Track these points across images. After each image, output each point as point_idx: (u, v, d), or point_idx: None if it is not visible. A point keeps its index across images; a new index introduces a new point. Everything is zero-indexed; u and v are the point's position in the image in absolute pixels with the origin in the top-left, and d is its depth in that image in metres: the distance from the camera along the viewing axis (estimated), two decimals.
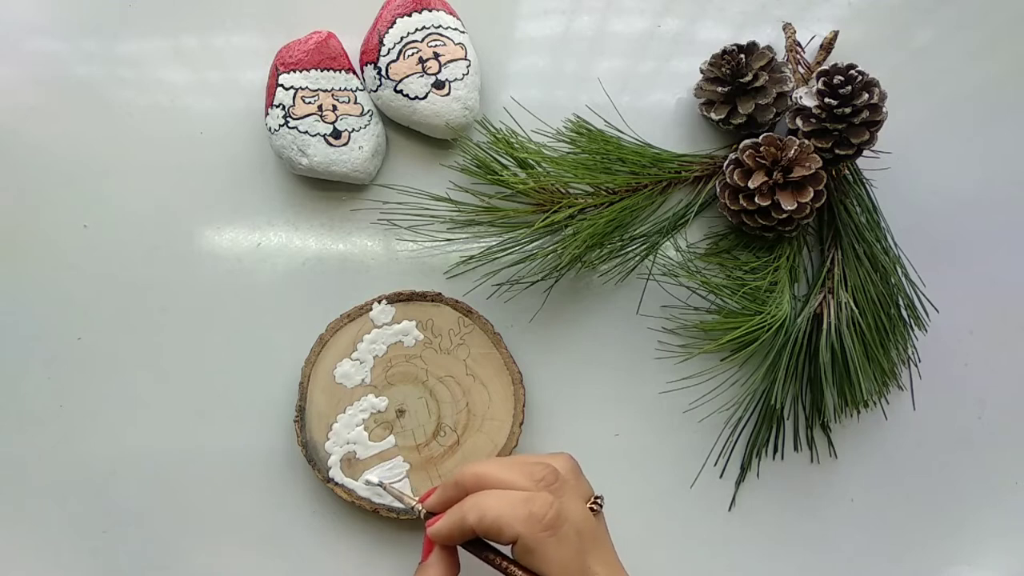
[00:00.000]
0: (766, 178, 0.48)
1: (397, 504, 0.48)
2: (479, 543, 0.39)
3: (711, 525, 0.51)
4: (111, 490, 0.50)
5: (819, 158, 0.48)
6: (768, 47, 0.50)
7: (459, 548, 0.40)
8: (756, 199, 0.48)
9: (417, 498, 0.42)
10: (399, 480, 0.48)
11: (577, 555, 0.36)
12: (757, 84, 0.50)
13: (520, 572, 0.38)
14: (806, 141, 0.48)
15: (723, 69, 0.50)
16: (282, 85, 0.50)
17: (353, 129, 0.50)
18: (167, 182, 0.53)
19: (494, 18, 0.55)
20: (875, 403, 0.52)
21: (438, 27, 0.51)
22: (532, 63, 0.55)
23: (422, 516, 0.41)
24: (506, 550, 0.38)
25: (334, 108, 0.50)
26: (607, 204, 0.50)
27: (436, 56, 0.51)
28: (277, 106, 0.50)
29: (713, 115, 0.51)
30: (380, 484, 0.46)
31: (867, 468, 0.52)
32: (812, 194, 0.48)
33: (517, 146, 0.49)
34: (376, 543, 0.50)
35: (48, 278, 0.52)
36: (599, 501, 0.40)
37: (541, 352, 0.52)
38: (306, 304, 0.51)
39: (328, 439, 0.48)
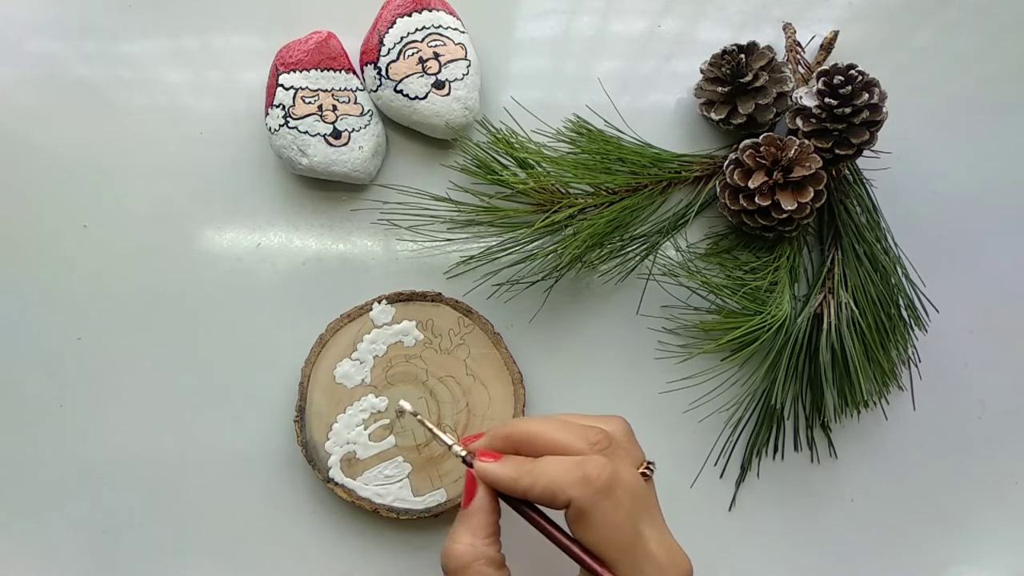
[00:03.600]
0: (766, 178, 0.48)
1: (398, 504, 0.48)
2: (521, 499, 0.39)
3: (711, 525, 0.51)
4: (111, 490, 0.50)
5: (819, 158, 0.48)
6: (768, 47, 0.50)
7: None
8: (756, 199, 0.48)
9: (456, 440, 0.41)
10: (399, 481, 0.48)
11: (629, 518, 0.36)
12: (757, 84, 0.50)
13: (556, 533, 0.38)
14: (806, 141, 0.48)
15: (723, 69, 0.50)
16: (282, 85, 0.50)
17: (353, 129, 0.50)
18: (167, 182, 0.53)
19: (494, 18, 0.55)
20: (875, 403, 0.52)
21: (438, 27, 0.51)
22: (532, 63, 0.55)
23: (462, 457, 0.40)
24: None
25: (334, 108, 0.50)
26: (607, 204, 0.50)
27: (436, 56, 0.51)
28: (277, 106, 0.50)
29: (713, 115, 0.51)
30: (415, 413, 0.43)
31: (867, 468, 0.52)
32: (812, 194, 0.48)
33: (517, 146, 0.49)
34: (376, 543, 0.50)
35: (48, 278, 0.52)
36: (651, 467, 0.39)
37: (541, 352, 0.52)
38: (306, 304, 0.51)
39: (328, 439, 0.48)
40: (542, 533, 0.39)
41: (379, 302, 0.50)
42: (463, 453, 0.40)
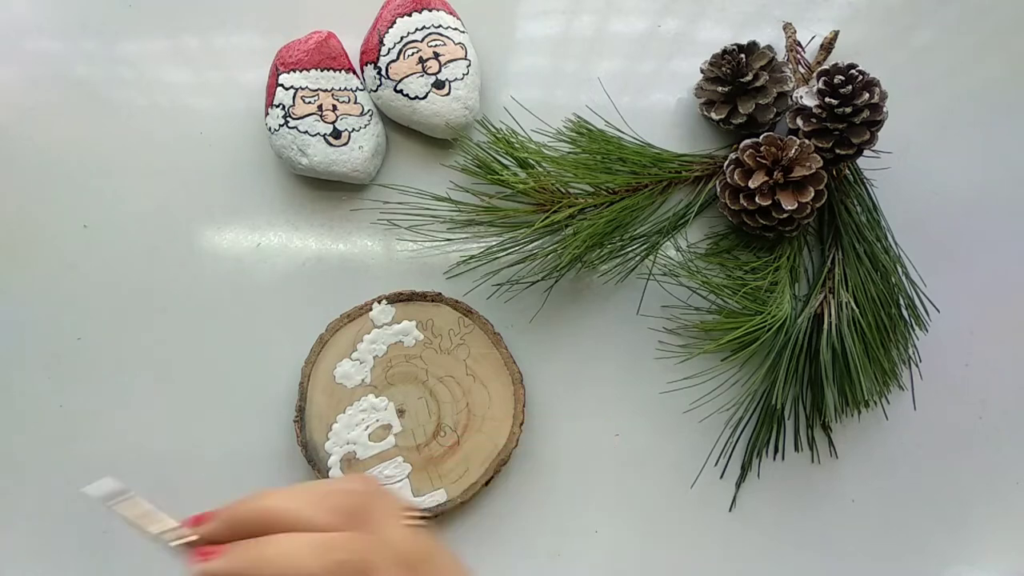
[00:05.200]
0: (766, 178, 0.48)
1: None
2: None
3: (711, 525, 0.51)
4: None
5: (819, 158, 0.48)
6: (768, 47, 0.50)
7: None
8: (756, 199, 0.48)
9: (173, 524, 0.33)
10: (399, 481, 0.48)
11: None
12: (757, 84, 0.50)
13: None
14: (806, 141, 0.48)
15: (723, 69, 0.50)
16: (282, 85, 0.50)
17: (353, 129, 0.50)
18: (167, 182, 0.53)
19: (494, 18, 0.55)
20: (876, 403, 0.52)
21: (438, 27, 0.51)
22: (532, 63, 0.55)
23: (171, 543, 0.32)
24: None
25: (334, 108, 0.50)
26: (607, 204, 0.50)
27: (436, 56, 0.51)
28: (277, 106, 0.50)
29: (713, 115, 0.51)
30: (105, 501, 0.34)
31: (868, 468, 0.52)
32: (812, 194, 0.48)
33: (517, 146, 0.49)
34: None
35: (48, 278, 0.52)
36: (417, 513, 0.33)
37: (541, 352, 0.52)
38: (306, 304, 0.51)
39: (328, 439, 0.48)
40: None
41: (379, 302, 0.50)
42: (191, 538, 0.32)
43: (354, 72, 0.52)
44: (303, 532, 0.29)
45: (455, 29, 0.51)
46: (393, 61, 0.50)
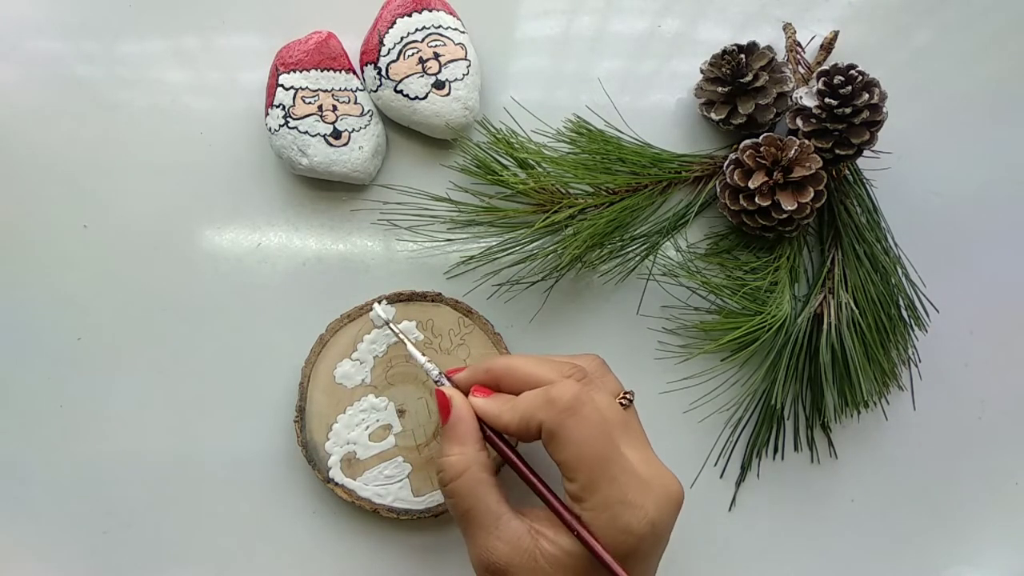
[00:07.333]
0: (766, 178, 0.48)
1: (398, 504, 0.48)
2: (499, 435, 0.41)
3: (711, 525, 0.51)
4: (111, 490, 0.50)
5: (819, 158, 0.48)
6: (768, 47, 0.50)
7: None
8: (756, 199, 0.48)
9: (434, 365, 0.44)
10: (399, 481, 0.48)
11: (602, 435, 0.37)
12: (757, 84, 0.50)
13: (524, 468, 0.40)
14: (806, 141, 0.48)
15: (723, 69, 0.50)
16: (282, 85, 0.50)
17: (353, 129, 0.50)
18: (167, 182, 0.53)
19: (494, 18, 0.55)
20: (875, 403, 0.52)
21: (438, 27, 0.51)
22: (532, 63, 0.55)
23: (435, 378, 0.43)
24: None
25: (334, 108, 0.50)
26: (607, 204, 0.50)
27: (436, 56, 0.51)
28: (277, 106, 0.50)
29: (713, 115, 0.51)
30: (387, 323, 0.47)
31: (867, 468, 0.52)
32: (812, 194, 0.48)
33: (517, 146, 0.49)
34: (376, 543, 0.50)
35: (48, 278, 0.52)
36: (628, 396, 0.41)
37: (541, 352, 0.52)
38: (306, 304, 0.51)
39: (328, 439, 0.48)
40: (514, 471, 0.41)
41: (379, 302, 0.50)
42: (435, 372, 0.43)
43: (354, 72, 0.52)
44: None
45: (455, 29, 0.52)
46: (393, 61, 0.50)
